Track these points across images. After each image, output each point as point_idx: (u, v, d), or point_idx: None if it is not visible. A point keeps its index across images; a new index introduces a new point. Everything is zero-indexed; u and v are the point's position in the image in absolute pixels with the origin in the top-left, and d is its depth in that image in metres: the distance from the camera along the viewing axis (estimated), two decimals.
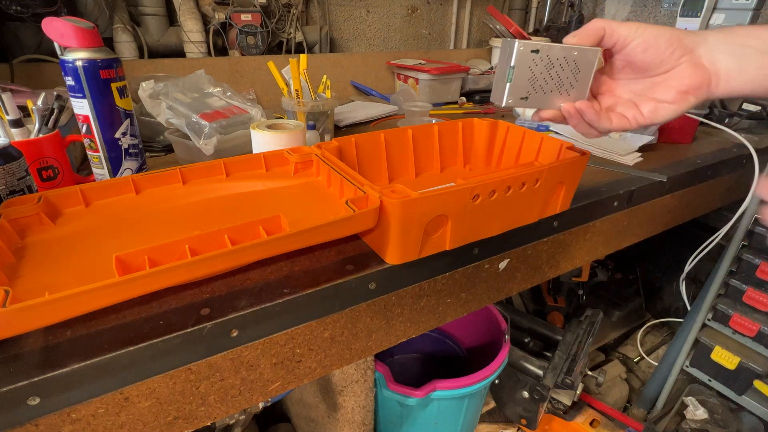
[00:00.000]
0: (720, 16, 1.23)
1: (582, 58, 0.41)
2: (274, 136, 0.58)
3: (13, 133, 0.52)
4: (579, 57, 0.41)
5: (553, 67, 0.41)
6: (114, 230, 0.43)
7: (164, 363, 0.36)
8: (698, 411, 1.11)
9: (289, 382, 0.45)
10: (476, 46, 1.61)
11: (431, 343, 1.11)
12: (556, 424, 1.12)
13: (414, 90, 1.20)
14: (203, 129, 0.67)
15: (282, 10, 1.15)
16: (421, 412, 0.84)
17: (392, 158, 0.60)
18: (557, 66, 0.41)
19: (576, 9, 1.57)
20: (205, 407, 0.40)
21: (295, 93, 0.76)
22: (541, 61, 0.40)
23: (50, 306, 0.30)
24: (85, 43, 0.50)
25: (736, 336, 1.05)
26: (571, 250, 0.65)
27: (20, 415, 0.31)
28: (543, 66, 0.40)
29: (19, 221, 0.42)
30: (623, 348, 1.48)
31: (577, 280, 1.39)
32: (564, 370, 0.96)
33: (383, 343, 0.50)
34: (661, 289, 1.53)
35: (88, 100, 0.52)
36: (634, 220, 0.73)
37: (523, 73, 0.40)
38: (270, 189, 0.52)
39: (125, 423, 0.36)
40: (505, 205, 0.48)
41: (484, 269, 0.55)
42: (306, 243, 0.40)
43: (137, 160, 0.59)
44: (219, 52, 1.11)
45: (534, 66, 0.40)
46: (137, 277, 0.32)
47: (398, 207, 0.40)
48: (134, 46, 1.00)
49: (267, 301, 0.39)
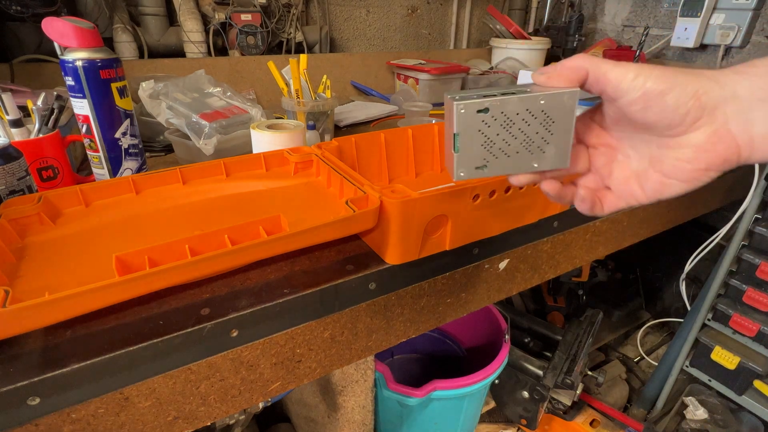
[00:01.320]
0: (720, 16, 1.23)
1: (553, 105, 0.30)
2: (274, 136, 0.58)
3: (13, 133, 0.52)
4: (549, 105, 0.30)
5: (513, 125, 0.31)
6: (114, 230, 0.43)
7: (164, 363, 0.36)
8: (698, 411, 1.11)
9: (289, 382, 0.45)
10: (476, 46, 1.61)
11: (431, 343, 1.11)
12: (556, 424, 1.12)
13: (414, 90, 1.20)
14: (203, 129, 0.67)
15: (282, 10, 1.15)
16: (421, 412, 0.84)
17: (392, 158, 0.60)
18: (519, 122, 0.31)
19: (576, 9, 1.56)
20: (205, 407, 0.40)
21: (295, 93, 0.76)
22: (495, 120, 0.31)
23: (50, 306, 0.30)
24: (85, 43, 0.50)
25: (736, 336, 1.05)
26: (571, 250, 0.65)
27: (20, 415, 0.31)
28: (499, 126, 0.31)
29: (19, 221, 0.42)
30: (623, 348, 1.48)
31: (577, 280, 1.39)
32: (564, 370, 0.96)
33: (383, 343, 0.50)
34: (661, 289, 1.53)
35: (88, 100, 0.52)
36: (634, 220, 0.73)
37: (472, 140, 0.32)
38: (270, 189, 0.52)
39: (125, 423, 0.36)
40: (505, 205, 0.48)
41: (484, 269, 0.55)
42: (306, 243, 0.40)
43: (137, 160, 0.59)
44: (219, 52, 1.11)
45: (486, 128, 0.31)
46: (137, 277, 0.32)
47: (398, 207, 0.40)
48: (134, 46, 1.00)
49: (267, 301, 0.39)
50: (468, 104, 0.30)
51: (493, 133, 0.32)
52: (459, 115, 0.31)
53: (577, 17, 1.47)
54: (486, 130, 0.31)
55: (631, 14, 1.51)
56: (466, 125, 0.31)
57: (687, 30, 1.27)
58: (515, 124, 0.31)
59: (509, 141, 0.32)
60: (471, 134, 0.31)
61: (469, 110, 0.31)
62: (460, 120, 0.31)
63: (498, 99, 0.31)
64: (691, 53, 1.38)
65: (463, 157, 0.32)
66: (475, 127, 0.31)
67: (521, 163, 0.33)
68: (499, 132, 0.32)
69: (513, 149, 0.32)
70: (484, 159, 0.32)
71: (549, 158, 0.33)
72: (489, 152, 0.32)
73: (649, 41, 1.45)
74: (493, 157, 0.32)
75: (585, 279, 1.39)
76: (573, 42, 1.50)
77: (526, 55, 1.40)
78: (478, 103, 0.30)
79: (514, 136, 0.32)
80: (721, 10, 1.23)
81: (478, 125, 0.31)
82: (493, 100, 0.31)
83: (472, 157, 0.32)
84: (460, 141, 0.32)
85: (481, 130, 0.31)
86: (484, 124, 0.31)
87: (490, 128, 0.31)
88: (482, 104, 0.31)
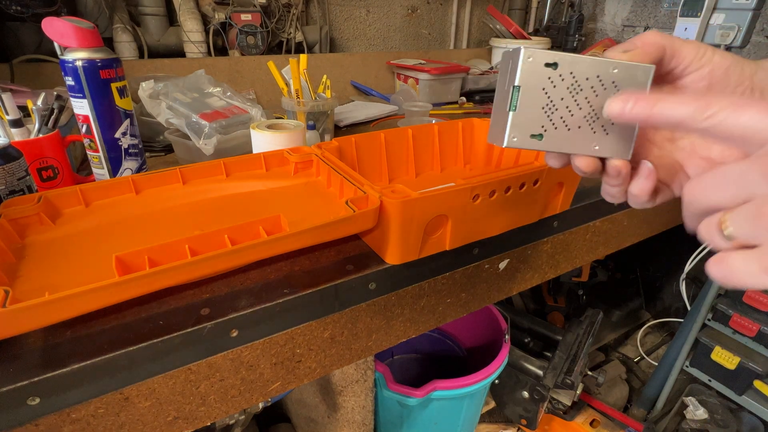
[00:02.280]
0: (720, 16, 1.23)
1: (625, 77, 0.27)
2: (274, 136, 0.58)
3: (13, 133, 0.52)
4: (621, 76, 0.27)
5: (581, 91, 0.27)
6: (114, 230, 0.43)
7: (164, 363, 0.36)
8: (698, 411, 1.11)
9: (289, 382, 0.45)
10: (476, 46, 1.61)
11: (431, 343, 1.11)
12: (556, 424, 1.12)
13: (414, 90, 1.20)
14: (203, 129, 0.67)
15: (282, 10, 1.15)
16: (421, 412, 0.84)
17: (392, 158, 0.60)
18: (588, 90, 0.27)
19: (576, 9, 1.56)
20: (205, 407, 0.40)
21: (295, 93, 0.76)
22: (562, 80, 0.27)
23: (50, 306, 0.30)
24: (85, 43, 0.50)
25: (736, 336, 1.05)
26: (571, 250, 0.65)
27: (20, 415, 0.31)
28: (565, 89, 0.27)
29: (19, 221, 0.42)
30: (623, 348, 1.48)
31: (577, 280, 1.39)
32: (564, 370, 0.96)
33: (383, 343, 0.50)
34: (661, 289, 1.53)
35: (88, 100, 0.52)
36: (634, 220, 0.73)
37: (534, 98, 0.27)
38: (270, 189, 0.52)
39: (125, 423, 0.36)
40: (505, 205, 0.48)
41: (484, 269, 0.55)
42: (306, 243, 0.40)
43: (137, 160, 0.59)
44: (219, 52, 1.11)
45: (551, 87, 0.27)
46: (137, 277, 0.32)
47: (398, 207, 0.40)
48: (134, 46, 1.00)
49: (267, 301, 0.39)
50: (536, 53, 0.26)
51: (557, 96, 0.27)
52: (525, 63, 0.26)
53: (577, 17, 1.47)
54: (551, 91, 0.27)
55: (631, 14, 1.51)
56: (530, 79, 0.27)
57: (687, 30, 1.27)
58: (582, 90, 0.27)
59: (573, 110, 0.28)
60: (533, 91, 0.27)
61: (537, 60, 0.27)
62: (524, 70, 0.27)
63: (570, 55, 0.27)
64: None
65: (519, 118, 0.27)
66: (539, 83, 0.27)
67: (581, 142, 0.28)
68: (564, 96, 0.27)
69: (575, 122, 0.28)
70: (542, 126, 0.28)
71: (610, 143, 0.28)
72: (549, 119, 0.28)
73: None
74: (552, 126, 0.28)
75: (585, 279, 1.39)
76: (573, 42, 1.51)
77: None
78: (548, 55, 0.27)
79: (579, 105, 0.28)
80: (721, 10, 1.23)
81: (542, 82, 0.27)
82: (565, 55, 0.27)
83: (529, 120, 0.28)
84: (520, 97, 0.27)
85: (545, 88, 0.27)
86: (549, 82, 0.27)
87: (555, 89, 0.27)
88: (553, 56, 0.27)
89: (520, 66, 0.26)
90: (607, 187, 0.30)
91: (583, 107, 0.28)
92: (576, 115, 0.28)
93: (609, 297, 1.52)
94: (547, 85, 0.27)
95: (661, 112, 0.24)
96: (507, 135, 0.28)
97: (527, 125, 0.28)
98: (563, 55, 0.27)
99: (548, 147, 0.28)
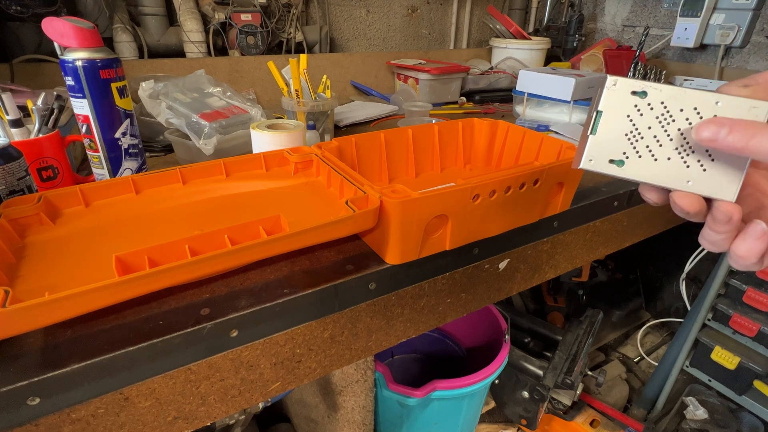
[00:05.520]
0: (720, 16, 1.23)
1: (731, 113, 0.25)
2: (274, 136, 0.58)
3: (13, 133, 0.52)
4: (726, 111, 0.25)
5: (673, 122, 0.26)
6: (114, 230, 0.43)
7: (164, 363, 0.36)
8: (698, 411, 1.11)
9: (289, 382, 0.45)
10: (476, 46, 1.61)
11: (431, 343, 1.11)
12: (556, 424, 1.12)
13: (414, 90, 1.20)
14: (203, 129, 0.67)
15: (282, 10, 1.15)
16: (421, 412, 0.84)
17: (392, 158, 0.60)
18: (682, 121, 0.26)
19: (576, 9, 1.56)
20: (205, 407, 0.40)
21: (295, 93, 0.76)
22: (651, 110, 0.26)
23: (50, 306, 0.30)
24: (85, 43, 0.50)
25: (736, 336, 1.05)
26: (571, 250, 0.65)
27: (20, 415, 0.31)
28: (654, 118, 0.26)
29: (19, 221, 0.42)
30: (623, 348, 1.48)
31: (577, 280, 1.39)
32: (564, 370, 0.96)
33: (383, 343, 0.50)
34: (661, 289, 1.53)
35: (88, 100, 0.52)
36: (634, 220, 0.73)
37: (616, 124, 0.27)
38: (270, 189, 0.52)
39: (125, 423, 0.36)
40: (505, 205, 0.48)
41: (484, 269, 0.55)
42: (306, 243, 0.40)
43: (137, 160, 0.59)
44: (219, 52, 1.11)
45: (637, 115, 0.26)
46: (137, 277, 0.32)
47: (398, 207, 0.40)
48: (134, 46, 1.00)
49: (267, 301, 0.39)
50: (623, 81, 0.26)
51: (644, 125, 0.27)
52: (609, 89, 0.27)
53: (577, 17, 1.47)
54: (636, 118, 0.27)
55: (631, 14, 1.51)
56: (614, 105, 0.27)
57: (687, 30, 1.27)
58: (675, 121, 0.26)
59: (662, 140, 0.27)
60: (616, 117, 0.27)
61: (622, 88, 0.26)
62: (607, 96, 0.27)
63: (661, 86, 0.26)
64: (691, 53, 1.38)
65: (598, 142, 0.27)
66: (623, 110, 0.27)
67: (670, 174, 0.27)
68: (651, 125, 0.27)
69: (663, 153, 0.27)
70: (624, 153, 0.27)
71: (709, 181, 0.26)
72: (632, 147, 0.27)
73: (649, 41, 1.45)
74: (635, 153, 0.27)
75: (585, 279, 1.39)
76: (573, 42, 1.51)
77: (526, 55, 1.40)
78: (634, 83, 0.26)
79: (670, 136, 0.26)
80: (721, 10, 1.23)
81: (628, 109, 0.27)
82: (655, 85, 0.26)
83: (609, 145, 0.27)
84: (601, 122, 0.27)
85: (630, 116, 0.27)
86: (635, 110, 0.27)
87: (642, 117, 0.27)
88: (641, 85, 0.26)
89: (605, 92, 0.27)
90: (711, 233, 0.26)
91: (675, 139, 0.26)
92: (666, 146, 0.27)
93: (609, 297, 1.52)
94: (632, 112, 0.27)
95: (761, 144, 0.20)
96: (584, 157, 0.28)
97: (606, 149, 0.27)
98: (653, 85, 0.26)
99: (629, 175, 0.27)
